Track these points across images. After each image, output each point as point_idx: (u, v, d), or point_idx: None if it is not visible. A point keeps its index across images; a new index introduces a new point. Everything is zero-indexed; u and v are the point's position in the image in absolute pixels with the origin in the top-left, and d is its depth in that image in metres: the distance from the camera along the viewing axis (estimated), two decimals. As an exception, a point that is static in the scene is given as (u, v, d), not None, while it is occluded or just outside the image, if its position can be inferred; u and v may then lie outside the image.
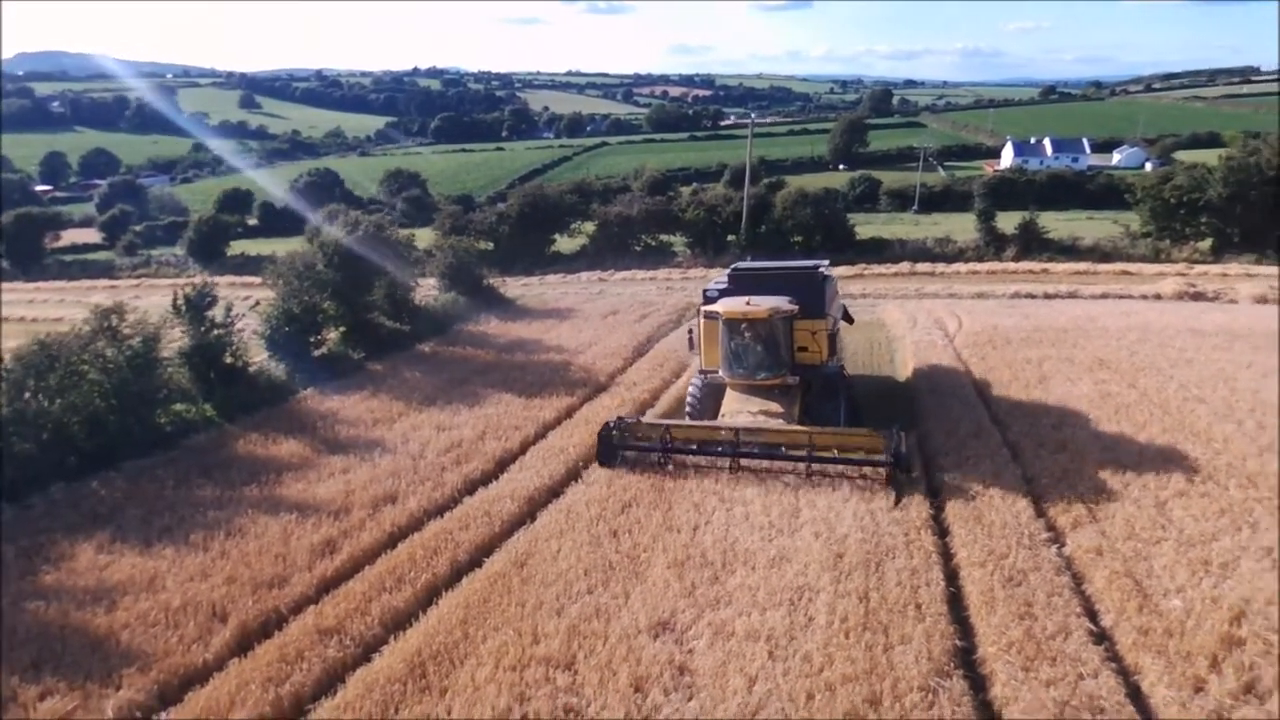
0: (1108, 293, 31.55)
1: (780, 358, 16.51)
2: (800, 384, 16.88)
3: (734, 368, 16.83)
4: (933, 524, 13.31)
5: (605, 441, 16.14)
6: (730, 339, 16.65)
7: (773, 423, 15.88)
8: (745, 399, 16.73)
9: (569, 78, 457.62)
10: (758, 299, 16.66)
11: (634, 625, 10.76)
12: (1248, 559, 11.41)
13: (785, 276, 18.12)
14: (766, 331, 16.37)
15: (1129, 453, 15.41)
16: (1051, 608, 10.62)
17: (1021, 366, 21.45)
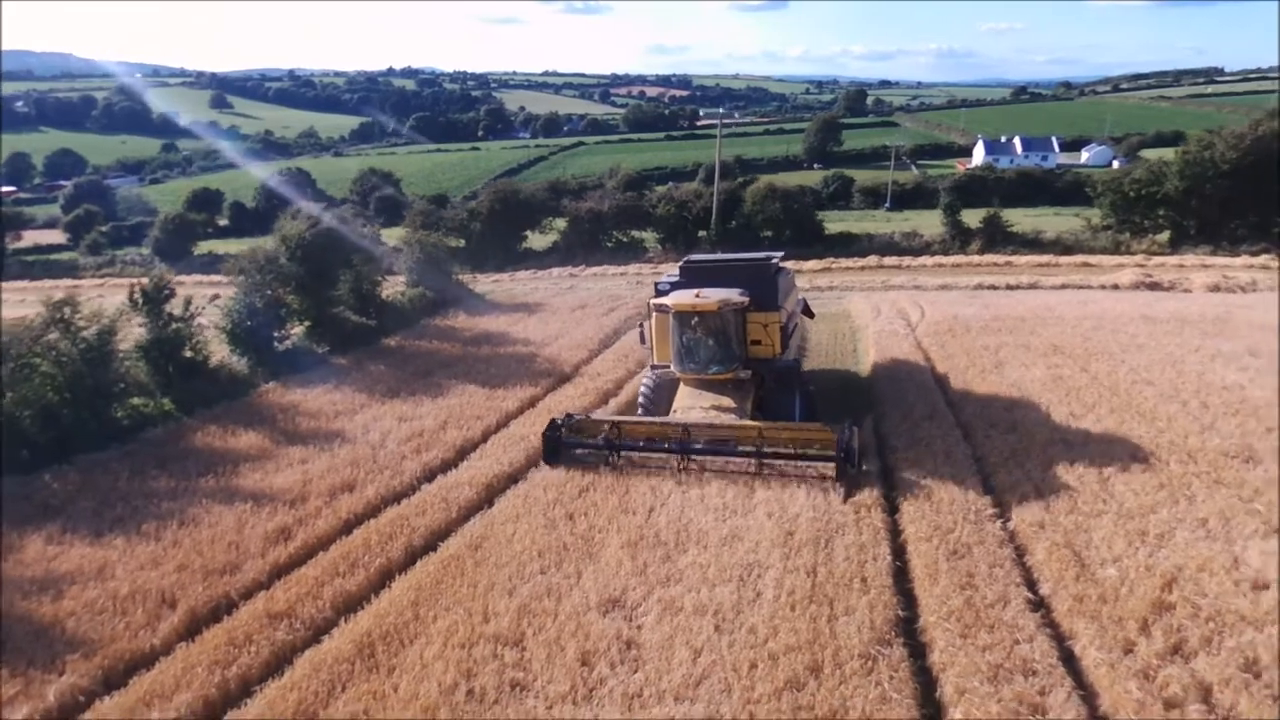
0: (1067, 283, 32.13)
1: (731, 351, 16.17)
2: (754, 378, 16.52)
3: (685, 362, 16.44)
4: (883, 502, 13.53)
5: (551, 440, 15.68)
6: (680, 333, 16.27)
7: (724, 418, 15.52)
8: (698, 394, 16.35)
9: (546, 78, 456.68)
10: (708, 291, 16.26)
11: (584, 603, 10.86)
12: (1182, 529, 11.73)
13: (737, 269, 17.64)
14: (717, 325, 16.01)
15: (1076, 432, 15.76)
16: (992, 578, 10.86)
17: (979, 353, 21.80)
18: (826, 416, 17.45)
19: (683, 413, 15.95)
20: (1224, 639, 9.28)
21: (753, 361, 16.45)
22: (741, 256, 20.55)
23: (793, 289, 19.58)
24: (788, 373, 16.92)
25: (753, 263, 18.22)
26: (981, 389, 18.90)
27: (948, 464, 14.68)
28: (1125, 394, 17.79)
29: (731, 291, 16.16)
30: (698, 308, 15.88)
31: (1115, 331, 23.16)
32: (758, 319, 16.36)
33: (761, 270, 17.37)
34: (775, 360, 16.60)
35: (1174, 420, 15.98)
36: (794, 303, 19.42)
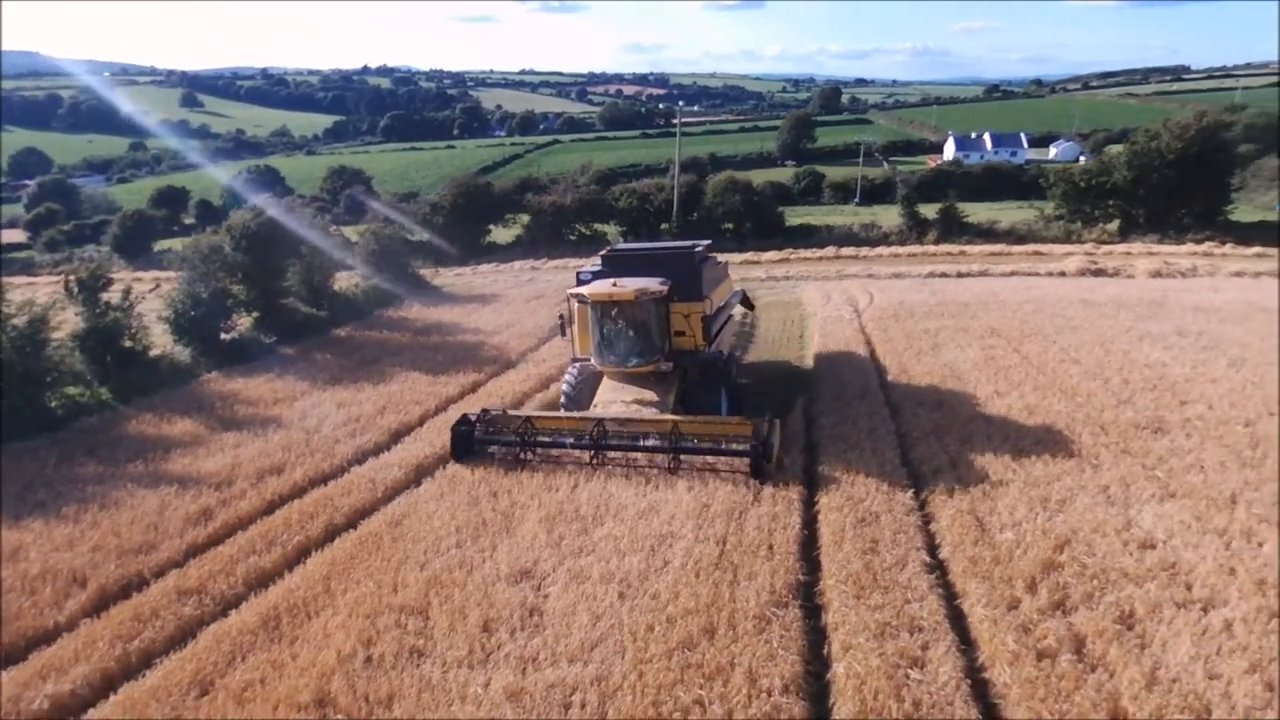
0: (1016, 271, 32.69)
1: (652, 343, 15.56)
2: (677, 371, 15.97)
3: (604, 355, 15.81)
4: (803, 475, 13.77)
5: (460, 436, 15.05)
6: (599, 324, 15.63)
7: (644, 412, 14.98)
8: (620, 387, 15.80)
9: (523, 76, 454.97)
10: (626, 280, 15.53)
11: (495, 574, 10.96)
12: (1084, 496, 12.07)
13: (660, 258, 16.94)
14: (635, 315, 15.39)
15: (999, 408, 16.10)
16: (895, 544, 11.10)
17: (918, 336, 22.15)
18: (763, 400, 17.80)
19: (603, 407, 15.35)
20: (1104, 595, 9.58)
21: (677, 354, 15.85)
22: (665, 245, 19.96)
23: (723, 279, 18.86)
24: (712, 365, 16.23)
25: (676, 251, 17.49)
26: (916, 370, 19.21)
27: (870, 439, 14.93)
28: (1051, 372, 18.18)
29: (651, 281, 15.49)
30: (614, 297, 15.12)
31: (1053, 315, 23.63)
32: (681, 309, 15.70)
33: (684, 259, 16.73)
34: (699, 352, 15.94)
35: (1093, 396, 16.38)
36: (725, 294, 18.76)
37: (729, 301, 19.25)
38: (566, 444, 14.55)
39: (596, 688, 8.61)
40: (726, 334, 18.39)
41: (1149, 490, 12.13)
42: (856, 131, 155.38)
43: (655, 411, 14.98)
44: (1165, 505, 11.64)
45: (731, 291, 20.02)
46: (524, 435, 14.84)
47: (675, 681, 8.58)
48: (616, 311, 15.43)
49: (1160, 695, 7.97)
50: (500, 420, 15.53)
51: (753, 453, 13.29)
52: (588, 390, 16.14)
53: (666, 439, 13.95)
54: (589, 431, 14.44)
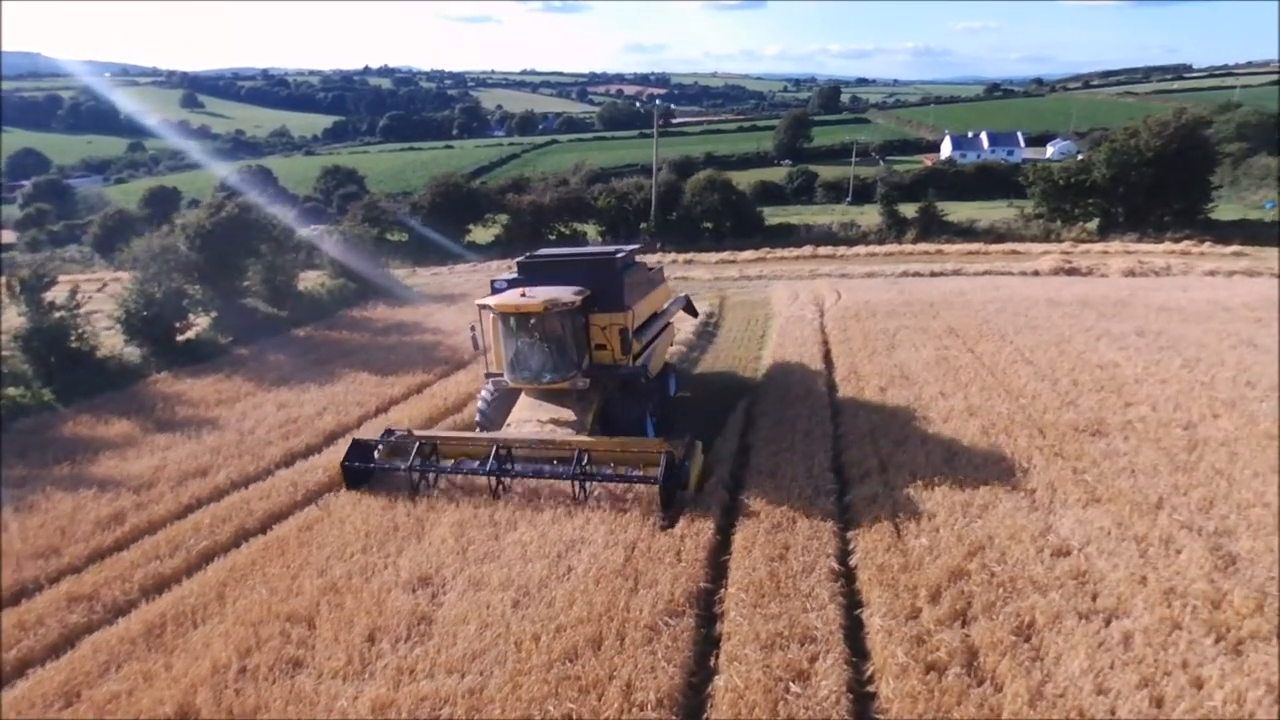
0: (990, 270, 32.31)
1: (566, 358, 14.41)
2: (597, 388, 14.85)
3: (516, 370, 14.62)
4: (729, 479, 13.45)
5: (350, 471, 13.82)
6: (508, 338, 14.55)
7: (559, 433, 13.94)
8: (536, 405, 14.71)
9: (524, 76, 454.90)
10: (536, 290, 14.37)
11: (393, 581, 10.66)
12: (1008, 500, 11.73)
13: (579, 264, 15.70)
14: (547, 328, 14.25)
15: (940, 409, 15.75)
16: (806, 550, 10.77)
17: (877, 336, 21.81)
18: (708, 405, 17.46)
19: (516, 426, 14.38)
20: (1007, 604, 9.25)
21: (597, 369, 14.82)
22: (586, 250, 18.33)
23: (654, 286, 17.56)
24: (634, 382, 15.08)
25: (596, 258, 16.13)
26: (867, 370, 18.85)
27: (805, 442, 14.61)
28: (1001, 373, 17.84)
29: (564, 290, 14.26)
30: (521, 309, 13.94)
31: (1015, 314, 23.27)
32: (601, 321, 14.65)
33: (604, 266, 15.40)
34: (619, 368, 14.84)
35: (1038, 397, 16.03)
36: (658, 302, 17.60)
37: (665, 310, 18.22)
38: (464, 470, 13.49)
39: (468, 700, 8.32)
40: (660, 345, 17.21)
41: (1075, 495, 11.78)
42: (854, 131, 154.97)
43: (571, 432, 13.92)
44: (1088, 511, 11.30)
45: (669, 299, 19.06)
46: (425, 459, 13.66)
47: (549, 695, 8.28)
48: (526, 323, 14.30)
49: (1044, 710, 7.64)
50: (404, 443, 14.13)
51: (662, 481, 12.16)
52: (503, 408, 15.08)
53: (574, 463, 12.78)
54: (490, 455, 13.19)
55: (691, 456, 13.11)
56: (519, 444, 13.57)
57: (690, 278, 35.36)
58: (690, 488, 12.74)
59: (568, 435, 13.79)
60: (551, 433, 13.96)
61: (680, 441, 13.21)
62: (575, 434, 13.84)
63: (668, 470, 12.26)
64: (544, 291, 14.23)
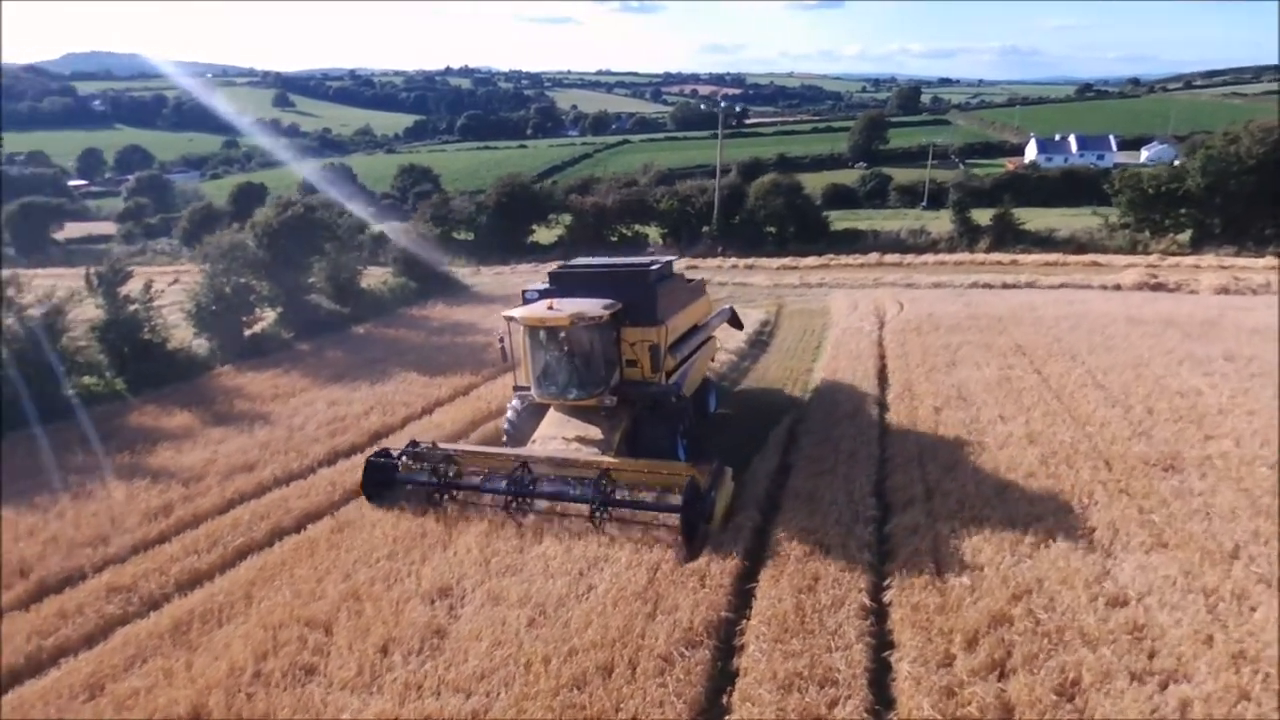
0: (1068, 283, 30.58)
1: (594, 374, 13.84)
2: (626, 406, 14.17)
3: (543, 385, 14.14)
4: (765, 499, 12.97)
5: (373, 474, 13.45)
6: (535, 351, 14.12)
7: (585, 452, 13.25)
8: (564, 422, 14.06)
9: (599, 77, 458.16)
10: (563, 302, 13.81)
11: (414, 590, 10.61)
12: (1063, 539, 10.88)
13: (612, 276, 14.95)
14: (575, 342, 13.79)
15: (998, 434, 14.86)
16: (837, 583, 10.22)
17: (937, 352, 20.85)
18: (751, 420, 16.95)
19: (542, 443, 13.80)
20: (1051, 658, 8.53)
21: (628, 385, 14.20)
22: (621, 261, 17.31)
23: (693, 300, 16.79)
24: (664, 401, 14.30)
25: (629, 269, 15.45)
26: (923, 388, 18.00)
27: (848, 464, 14.00)
28: (1069, 397, 16.75)
29: (594, 304, 13.64)
30: (547, 322, 13.47)
31: (1090, 332, 21.90)
32: (633, 336, 14.01)
33: (639, 278, 14.74)
34: (650, 385, 14.17)
35: (1107, 425, 14.95)
36: (696, 316, 16.81)
37: (705, 324, 17.46)
38: (484, 488, 12.87)
39: (471, 723, 8.14)
40: (699, 361, 16.57)
41: (1139, 537, 10.86)
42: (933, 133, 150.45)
43: (597, 451, 13.25)
44: (1152, 556, 10.38)
45: (710, 313, 18.25)
46: (444, 474, 13.13)
47: (552, 723, 8.03)
48: (553, 337, 13.89)
49: (1081, 783, 6.98)
50: (430, 455, 13.74)
51: (683, 512, 11.25)
52: (530, 423, 14.53)
53: (594, 486, 12.04)
54: (511, 473, 12.61)
55: (719, 485, 12.30)
56: (541, 461, 13.02)
57: (750, 284, 34.76)
58: (715, 520, 11.84)
59: (592, 455, 13.13)
60: (576, 451, 13.36)
61: (708, 467, 12.52)
62: (601, 454, 13.19)
63: (690, 500, 11.37)
64: (572, 304, 13.69)
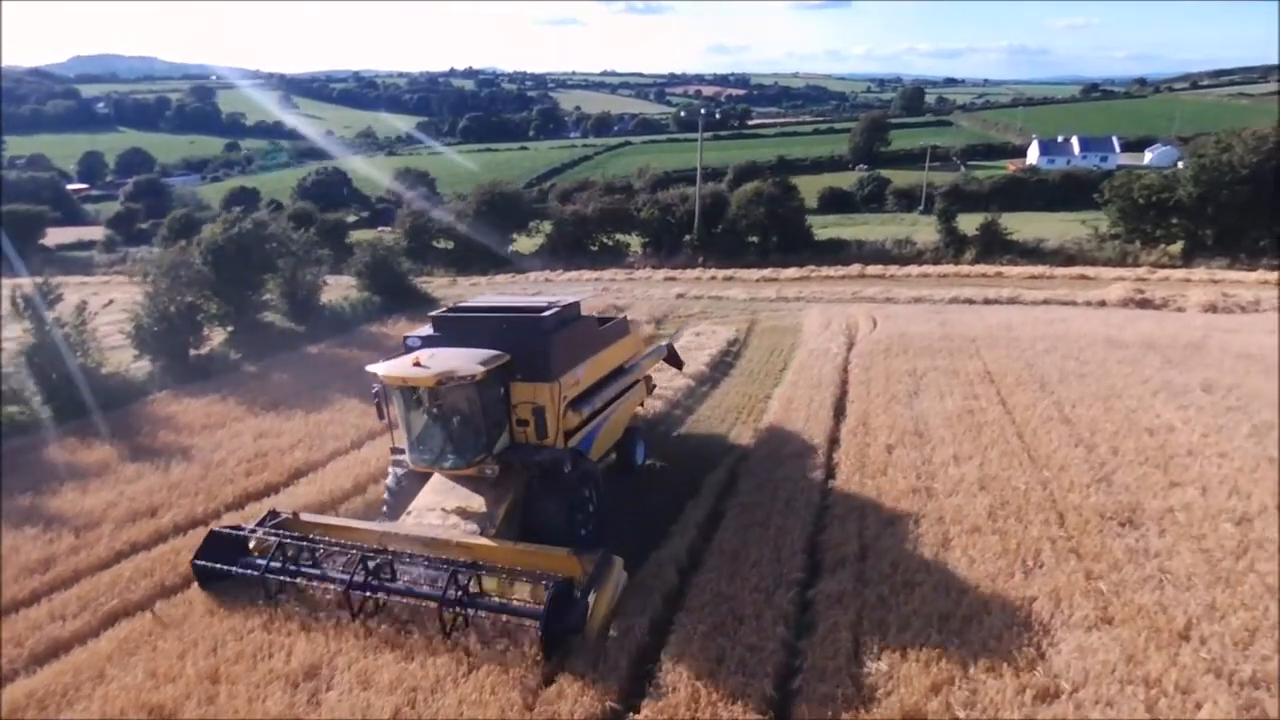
0: (1051, 299, 29.42)
1: (474, 438, 11.88)
2: (516, 474, 12.25)
3: (416, 451, 12.24)
4: (686, 558, 11.93)
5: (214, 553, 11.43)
6: (407, 411, 12.20)
7: (458, 530, 11.28)
8: (448, 490, 12.19)
9: (603, 77, 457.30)
10: (438, 356, 11.80)
11: (281, 669, 9.62)
12: (998, 614, 9.82)
13: (500, 324, 12.69)
14: (449, 403, 11.88)
15: (949, 479, 13.78)
16: (743, 665, 9.19)
17: (901, 378, 19.77)
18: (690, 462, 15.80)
19: (417, 515, 11.88)
20: (961, 768, 7.50)
21: (518, 451, 12.29)
22: (516, 304, 14.47)
23: (610, 342, 14.76)
24: (554, 471, 12.15)
25: (520, 316, 12.93)
26: (879, 421, 16.93)
27: (783, 514, 12.94)
28: (1031, 434, 15.65)
29: (469, 359, 11.59)
30: (409, 381, 11.45)
31: (1065, 356, 20.78)
32: (522, 393, 12.12)
33: (531, 326, 12.53)
34: (541, 451, 12.21)
35: (1066, 469, 13.86)
36: (611, 361, 14.67)
37: (631, 366, 15.54)
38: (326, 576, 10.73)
39: None
40: (617, 415, 14.72)
41: (1083, 610, 9.80)
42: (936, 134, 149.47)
43: (475, 529, 11.31)
44: (1094, 635, 9.33)
45: (638, 353, 16.22)
46: (285, 558, 10.99)
47: None
48: (417, 397, 12.01)
49: None
50: (289, 526, 11.88)
51: (544, 620, 9.16)
52: (413, 490, 12.58)
53: (454, 577, 9.92)
54: (356, 563, 10.45)
55: (602, 583, 10.04)
56: (407, 541, 11.08)
57: (725, 297, 33.71)
58: (591, 629, 9.58)
59: (466, 534, 11.15)
60: (450, 529, 11.38)
61: (592, 557, 10.30)
62: (479, 532, 11.23)
63: (555, 604, 9.34)
64: (445, 359, 11.67)
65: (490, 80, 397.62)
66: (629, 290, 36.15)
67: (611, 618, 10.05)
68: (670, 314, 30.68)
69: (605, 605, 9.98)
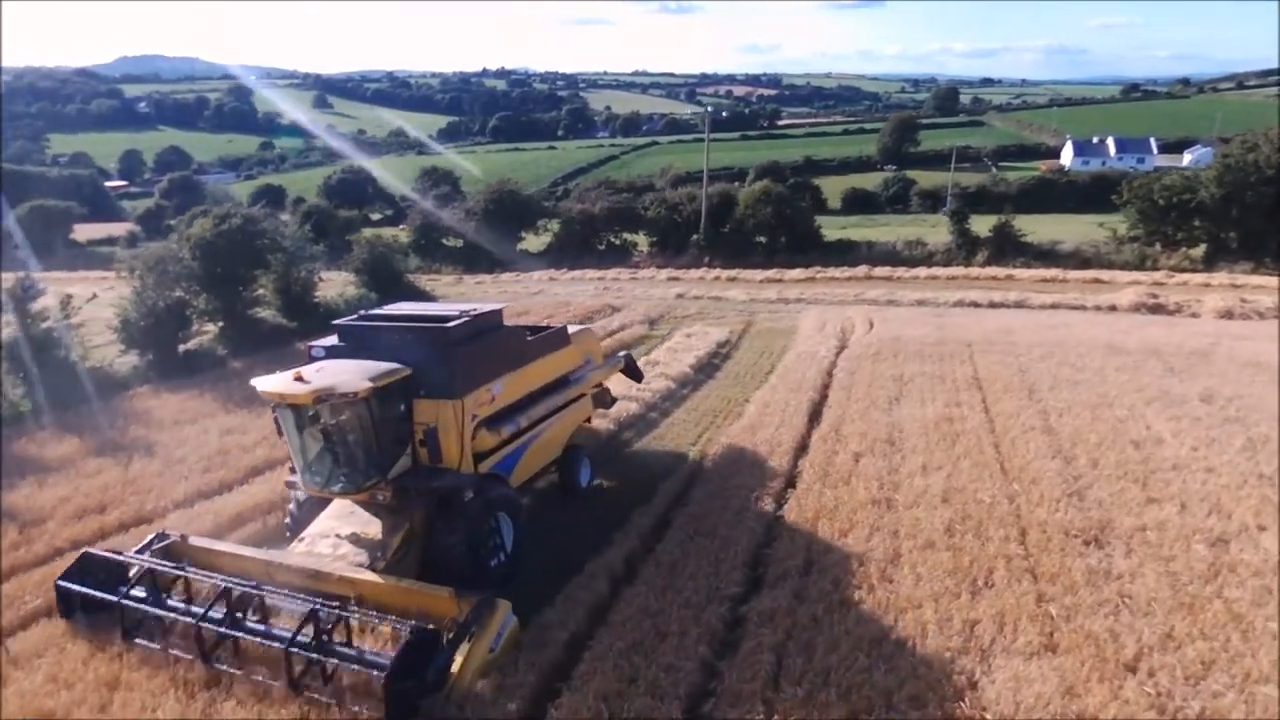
0: (1060, 302, 28.34)
1: (366, 460, 10.67)
2: (414, 502, 11.02)
3: (307, 474, 11.01)
4: (623, 567, 11.44)
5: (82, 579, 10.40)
6: (297, 430, 10.89)
7: (343, 561, 10.24)
8: (348, 515, 11.20)
9: (634, 77, 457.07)
10: (326, 367, 10.83)
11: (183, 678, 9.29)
12: (935, 638, 9.19)
13: (403, 334, 11.40)
14: (337, 421, 10.62)
15: (913, 490, 13.11)
16: (655, 688, 8.65)
17: (885, 383, 19.05)
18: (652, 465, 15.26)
19: (310, 542, 10.91)
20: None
21: (420, 475, 11.08)
22: (424, 313, 12.78)
23: (541, 354, 13.39)
24: (453, 500, 10.84)
25: (426, 326, 11.58)
26: (853, 429, 16.25)
27: (732, 524, 12.37)
28: (1009, 444, 14.90)
29: (357, 373, 10.40)
30: (286, 398, 10.20)
31: (1061, 363, 19.90)
32: (426, 411, 11.00)
33: (435, 337, 11.21)
34: (439, 475, 10.99)
35: (1038, 481, 13.11)
36: (541, 375, 13.36)
37: (572, 380, 14.20)
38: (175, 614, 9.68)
39: None
40: (550, 435, 13.42)
41: (1027, 636, 9.12)
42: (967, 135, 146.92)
43: (365, 558, 10.26)
44: (1035, 664, 8.66)
45: (579, 365, 14.73)
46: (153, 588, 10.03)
47: None
48: (300, 415, 10.67)
49: None
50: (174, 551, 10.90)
51: (389, 677, 7.91)
52: (314, 514, 11.68)
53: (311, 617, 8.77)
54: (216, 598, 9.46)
55: (480, 631, 8.82)
56: (290, 572, 10.04)
57: (725, 298, 33.09)
58: (455, 686, 8.37)
59: (349, 567, 10.02)
60: (337, 560, 10.27)
61: (471, 599, 9.10)
62: (368, 563, 10.17)
63: (406, 655, 8.10)
64: (329, 374, 10.50)
65: (522, 80, 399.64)
66: (629, 290, 35.70)
67: (486, 672, 8.75)
68: (666, 314, 30.15)
69: (478, 659, 8.71)
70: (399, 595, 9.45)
